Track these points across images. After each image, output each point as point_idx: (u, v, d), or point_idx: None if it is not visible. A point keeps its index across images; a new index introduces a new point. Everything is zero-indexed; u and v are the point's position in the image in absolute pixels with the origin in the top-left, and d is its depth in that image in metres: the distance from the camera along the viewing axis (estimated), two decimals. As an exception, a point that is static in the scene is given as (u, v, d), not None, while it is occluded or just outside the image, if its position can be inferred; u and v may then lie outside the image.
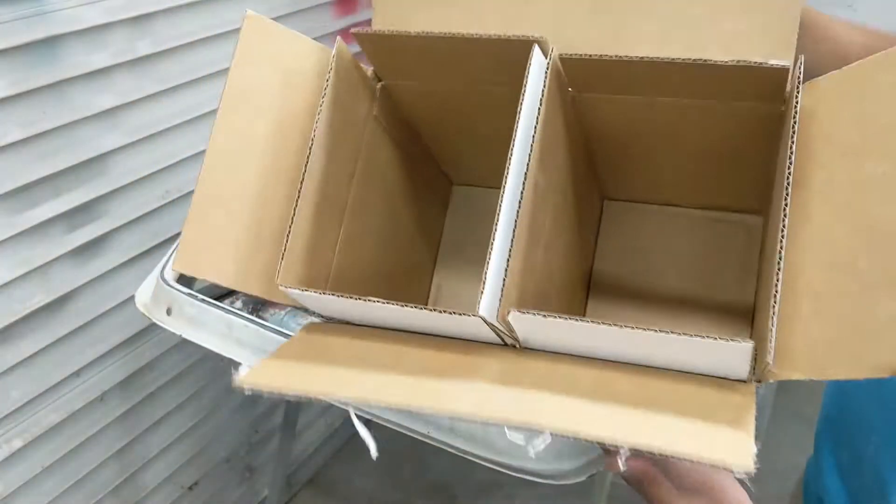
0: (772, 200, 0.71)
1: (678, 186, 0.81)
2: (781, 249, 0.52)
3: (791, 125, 0.54)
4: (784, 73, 0.58)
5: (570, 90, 0.66)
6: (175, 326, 0.90)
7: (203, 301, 0.87)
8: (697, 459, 0.43)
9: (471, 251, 0.88)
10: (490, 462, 0.77)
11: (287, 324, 0.93)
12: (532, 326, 0.57)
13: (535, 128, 0.59)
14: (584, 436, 0.46)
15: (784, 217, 0.52)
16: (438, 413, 0.54)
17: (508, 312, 0.55)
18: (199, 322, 0.87)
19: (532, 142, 0.58)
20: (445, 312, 0.56)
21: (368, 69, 0.72)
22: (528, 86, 0.60)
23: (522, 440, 0.51)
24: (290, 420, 1.52)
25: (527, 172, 0.58)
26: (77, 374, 1.10)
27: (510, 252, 0.57)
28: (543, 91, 0.60)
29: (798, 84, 0.55)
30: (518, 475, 0.76)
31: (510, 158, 0.58)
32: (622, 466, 0.51)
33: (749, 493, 0.51)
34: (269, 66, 0.65)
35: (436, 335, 0.61)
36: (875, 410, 0.66)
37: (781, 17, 0.64)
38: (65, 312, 1.06)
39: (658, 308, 0.83)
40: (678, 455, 0.44)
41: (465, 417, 0.49)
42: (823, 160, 0.55)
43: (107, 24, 1.00)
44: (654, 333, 0.51)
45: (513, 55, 0.62)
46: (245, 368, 0.54)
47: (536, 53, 0.61)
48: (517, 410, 0.50)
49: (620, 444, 0.45)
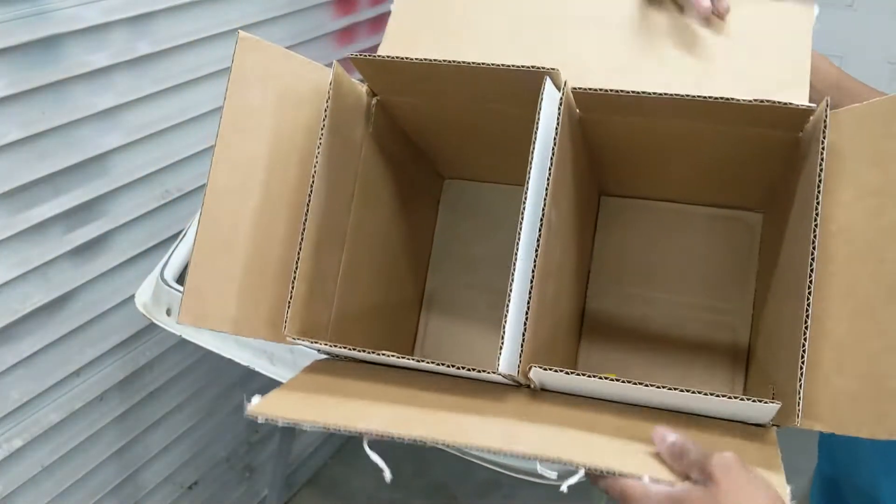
0: (776, 203, 0.71)
1: (680, 186, 0.81)
2: (809, 306, 0.52)
3: (818, 171, 0.54)
4: (808, 113, 0.58)
5: (578, 111, 0.66)
6: (175, 327, 0.91)
7: (203, 301, 0.86)
8: None
9: (462, 250, 0.89)
10: (490, 462, 0.77)
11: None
12: (552, 379, 0.57)
13: (550, 169, 0.58)
14: (619, 471, 0.47)
15: (811, 273, 0.52)
16: (468, 447, 0.54)
17: (530, 369, 0.55)
18: (199, 322, 0.87)
19: (547, 185, 0.58)
20: (464, 369, 0.56)
21: (363, 86, 0.71)
22: (541, 122, 0.59)
23: (556, 476, 0.52)
24: (290, 420, 1.51)
25: (543, 211, 0.57)
26: (77, 374, 1.10)
27: (528, 305, 0.56)
28: (557, 129, 0.59)
29: (824, 126, 0.55)
30: (518, 475, 0.76)
31: (524, 202, 0.57)
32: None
33: None
34: (264, 88, 0.65)
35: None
36: (881, 475, 0.65)
37: (792, 49, 0.64)
38: (64, 312, 1.06)
39: (659, 308, 0.83)
40: None
41: (496, 451, 0.49)
42: (845, 200, 0.55)
43: (106, 24, 1.00)
44: (680, 393, 0.52)
45: (522, 82, 0.61)
46: (257, 398, 0.54)
47: (549, 86, 0.60)
48: (547, 446, 0.50)
49: (664, 482, 0.46)
